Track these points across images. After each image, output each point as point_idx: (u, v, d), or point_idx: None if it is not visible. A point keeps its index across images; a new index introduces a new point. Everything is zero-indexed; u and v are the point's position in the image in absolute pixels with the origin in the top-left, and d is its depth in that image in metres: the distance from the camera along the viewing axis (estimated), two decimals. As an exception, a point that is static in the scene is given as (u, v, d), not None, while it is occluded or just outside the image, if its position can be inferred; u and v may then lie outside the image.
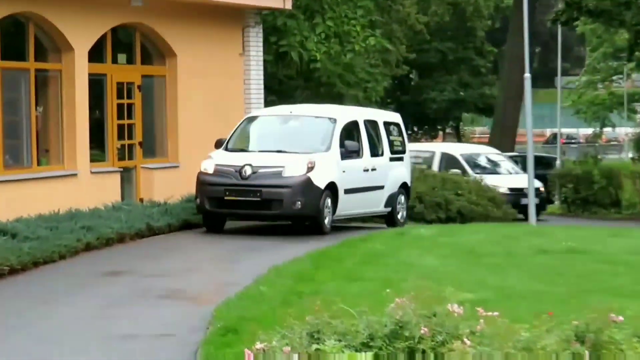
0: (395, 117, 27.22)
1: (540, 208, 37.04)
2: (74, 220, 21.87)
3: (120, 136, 27.22)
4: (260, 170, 21.39)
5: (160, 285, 18.26)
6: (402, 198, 25.56)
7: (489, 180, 37.02)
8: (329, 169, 21.88)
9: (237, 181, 21.40)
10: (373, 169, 24.02)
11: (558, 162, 49.23)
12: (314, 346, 9.99)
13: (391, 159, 25.34)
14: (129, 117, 27.86)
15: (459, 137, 70.59)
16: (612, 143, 74.19)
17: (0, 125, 23.24)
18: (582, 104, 70.43)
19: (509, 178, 39.40)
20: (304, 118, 24.37)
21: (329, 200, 21.86)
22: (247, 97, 31.59)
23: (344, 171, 22.45)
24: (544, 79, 72.56)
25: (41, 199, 22.63)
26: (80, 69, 25.86)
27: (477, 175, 36.82)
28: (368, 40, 35.58)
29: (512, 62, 52.80)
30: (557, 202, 43.95)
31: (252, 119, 25.19)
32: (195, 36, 29.81)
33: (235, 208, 21.94)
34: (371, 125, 24.77)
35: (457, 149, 43.35)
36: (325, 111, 24.94)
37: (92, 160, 26.16)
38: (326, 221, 21.96)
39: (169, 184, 26.82)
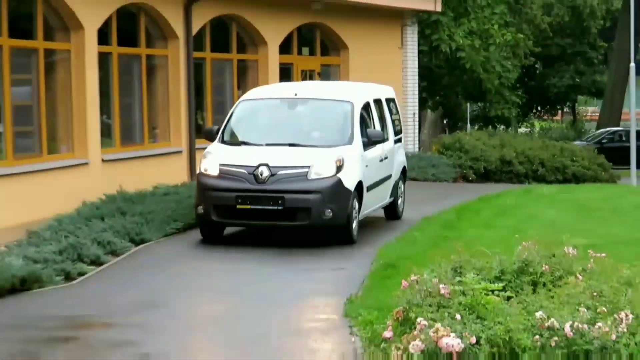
0: (391, 92, 19.96)
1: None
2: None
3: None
4: (281, 172, 14.67)
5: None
6: (402, 185, 19.11)
7: None
8: (355, 165, 15.43)
9: (251, 186, 14.67)
10: (386, 158, 17.58)
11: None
12: (457, 278, 10.20)
13: (395, 142, 18.79)
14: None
15: (574, 115, 72.35)
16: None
17: (210, 105, 23.93)
18: None
19: None
20: (314, 101, 16.88)
21: (356, 203, 15.51)
22: (405, 83, 31.56)
23: (366, 165, 16.04)
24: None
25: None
26: (273, 60, 26.25)
27: None
28: (505, 36, 36.09)
29: (619, 54, 52.45)
30: None
31: (247, 103, 17.18)
32: (363, 32, 30.01)
33: (249, 219, 15.15)
34: (377, 104, 17.77)
35: None
36: (335, 92, 17.74)
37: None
38: (354, 228, 15.52)
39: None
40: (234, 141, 16.16)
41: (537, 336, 9.39)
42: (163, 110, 22.48)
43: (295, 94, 17.41)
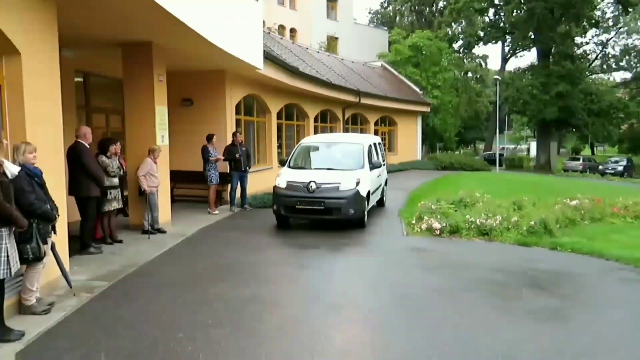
0: (379, 139, 16.42)
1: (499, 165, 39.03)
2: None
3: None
4: (323, 186, 12.18)
5: (397, 185, 19.16)
6: (385, 189, 16.12)
7: None
8: (366, 181, 12.72)
9: (305, 194, 12.12)
10: (379, 175, 14.89)
11: (504, 155, 50.43)
12: (438, 203, 12.14)
13: (383, 166, 15.77)
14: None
15: (475, 147, 76.31)
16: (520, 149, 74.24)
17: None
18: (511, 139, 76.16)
19: None
20: (340, 144, 14.21)
21: (366, 203, 12.63)
22: (417, 136, 34.39)
23: (371, 180, 13.30)
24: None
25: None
26: (372, 128, 28.24)
27: None
28: (452, 120, 42.89)
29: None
30: (504, 165, 44.94)
31: (304, 144, 14.42)
32: (403, 118, 31.92)
33: (304, 214, 12.22)
34: (374, 145, 14.88)
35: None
36: (353, 138, 14.67)
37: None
38: (365, 219, 12.57)
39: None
40: (295, 166, 13.15)
41: (467, 224, 10.82)
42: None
43: (330, 140, 14.65)
